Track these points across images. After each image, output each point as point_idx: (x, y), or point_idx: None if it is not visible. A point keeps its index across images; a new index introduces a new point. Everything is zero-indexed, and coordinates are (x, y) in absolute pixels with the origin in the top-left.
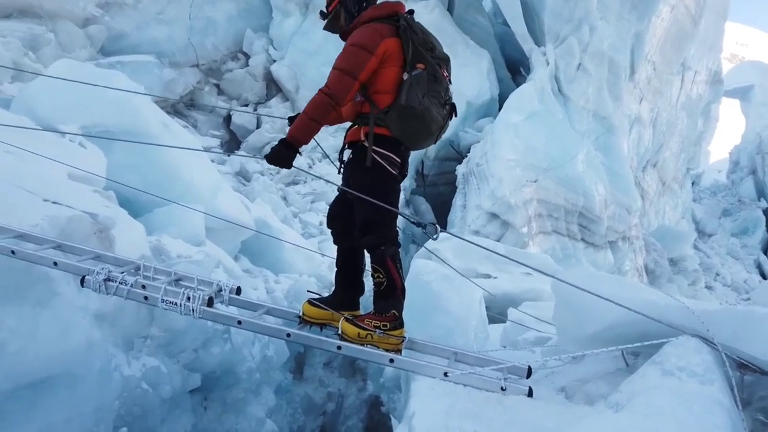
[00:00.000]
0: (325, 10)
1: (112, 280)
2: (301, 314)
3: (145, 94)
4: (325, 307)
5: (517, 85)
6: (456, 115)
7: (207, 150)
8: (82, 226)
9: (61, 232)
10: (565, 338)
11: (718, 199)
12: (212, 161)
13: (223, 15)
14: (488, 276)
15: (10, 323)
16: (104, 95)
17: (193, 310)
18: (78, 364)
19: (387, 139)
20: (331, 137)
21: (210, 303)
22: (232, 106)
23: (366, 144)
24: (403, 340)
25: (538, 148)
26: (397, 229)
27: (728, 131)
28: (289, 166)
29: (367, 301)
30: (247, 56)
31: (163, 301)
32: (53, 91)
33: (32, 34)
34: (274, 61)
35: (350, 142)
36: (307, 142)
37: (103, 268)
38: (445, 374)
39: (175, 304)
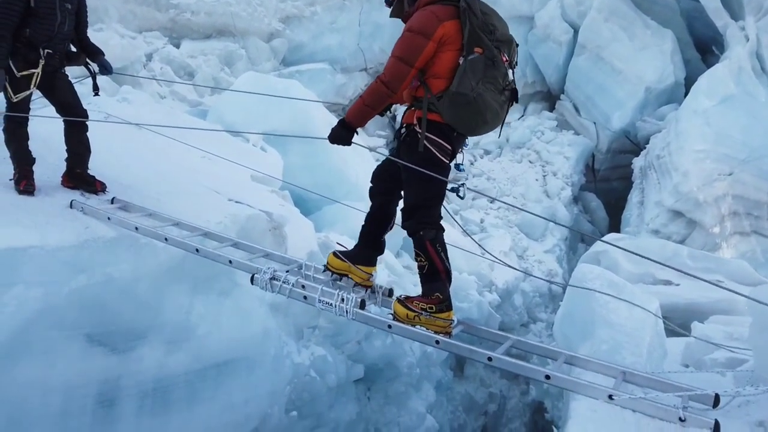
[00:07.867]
0: None
1: (277, 279)
2: (325, 264)
3: (316, 101)
4: (345, 259)
5: (709, 67)
6: (517, 101)
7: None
8: (260, 224)
9: (241, 229)
10: (763, 364)
11: None
12: (377, 160)
13: (390, 19)
14: (668, 282)
15: (200, 309)
16: (282, 103)
17: (346, 311)
18: (255, 350)
19: (439, 126)
20: None
21: (362, 305)
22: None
23: (417, 129)
24: (451, 323)
25: (734, 137)
26: (440, 213)
27: None
28: (348, 143)
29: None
30: None
31: (320, 301)
32: (240, 101)
33: (227, 51)
34: None
35: (406, 125)
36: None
37: (269, 268)
38: (610, 397)
39: (331, 304)
